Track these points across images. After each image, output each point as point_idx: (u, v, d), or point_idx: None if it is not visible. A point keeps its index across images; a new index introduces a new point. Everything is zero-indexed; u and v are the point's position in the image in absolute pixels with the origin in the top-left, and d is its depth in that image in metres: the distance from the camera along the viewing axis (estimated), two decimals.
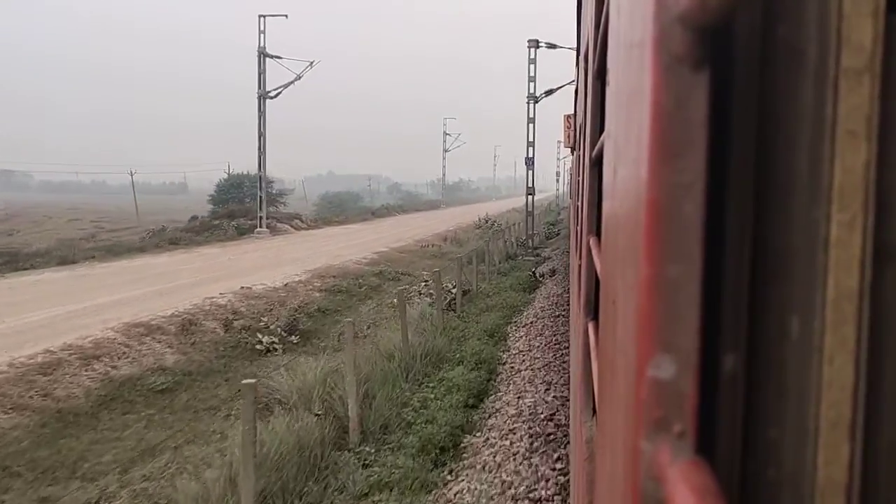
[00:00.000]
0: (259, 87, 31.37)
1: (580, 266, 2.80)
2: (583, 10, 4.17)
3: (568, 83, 21.06)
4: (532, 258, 22.95)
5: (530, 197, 25.29)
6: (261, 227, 32.92)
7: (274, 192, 49.46)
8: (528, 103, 24.15)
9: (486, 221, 37.05)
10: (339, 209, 57.81)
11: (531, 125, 24.34)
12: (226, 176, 49.44)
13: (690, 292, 0.46)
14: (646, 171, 0.50)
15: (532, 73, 23.73)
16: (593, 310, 2.17)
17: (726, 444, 0.51)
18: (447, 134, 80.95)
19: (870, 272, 0.45)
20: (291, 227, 37.44)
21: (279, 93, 31.31)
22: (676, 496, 0.42)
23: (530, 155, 24.74)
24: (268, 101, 31.79)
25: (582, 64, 3.90)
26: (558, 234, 34.05)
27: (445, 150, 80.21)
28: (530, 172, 24.97)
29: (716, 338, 0.51)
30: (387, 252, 25.31)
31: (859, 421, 0.45)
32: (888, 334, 0.45)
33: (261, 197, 32.93)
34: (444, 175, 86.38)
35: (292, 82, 31.10)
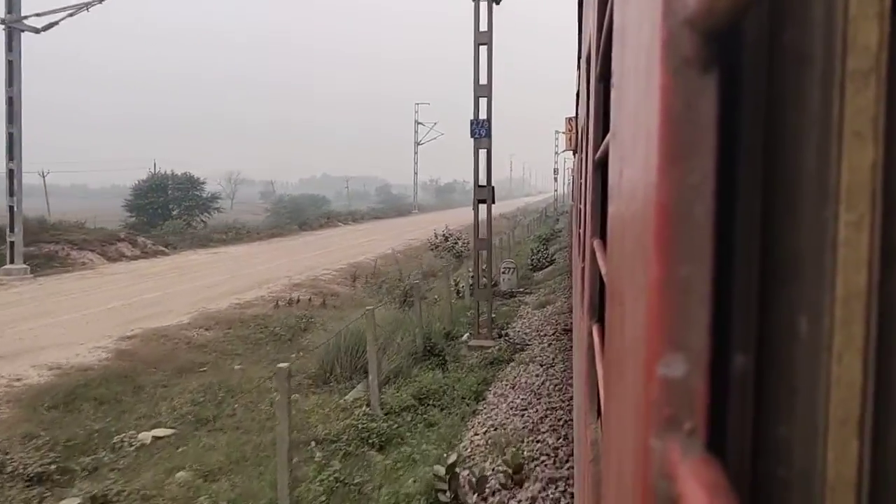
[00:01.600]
0: (6, 10, 17.56)
1: (583, 269, 2.81)
2: (584, 13, 4.19)
3: None
4: (488, 341, 10.37)
5: (482, 206, 11.47)
6: (12, 262, 18.12)
7: (205, 195, 41.27)
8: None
9: (447, 239, 24.41)
10: (296, 216, 48.90)
11: (483, 49, 11.45)
12: (149, 176, 41.04)
13: (701, 292, 0.46)
14: (655, 172, 0.50)
15: None
16: (598, 312, 2.17)
17: (736, 441, 0.52)
18: (420, 123, 65.40)
19: (877, 271, 0.45)
20: (103, 258, 22.06)
21: (52, 23, 18.06)
22: (688, 493, 0.43)
23: (481, 115, 11.52)
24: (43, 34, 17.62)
25: (584, 66, 3.90)
26: (553, 263, 19.59)
27: (418, 143, 64.99)
28: (483, 153, 11.59)
29: (726, 336, 0.51)
30: (168, 332, 11.72)
31: (868, 418, 0.46)
32: None
33: (11, 209, 18.23)
34: (416, 173, 67.97)
35: (78, 7, 17.88)
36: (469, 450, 5.68)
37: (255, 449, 6.68)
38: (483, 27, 11.52)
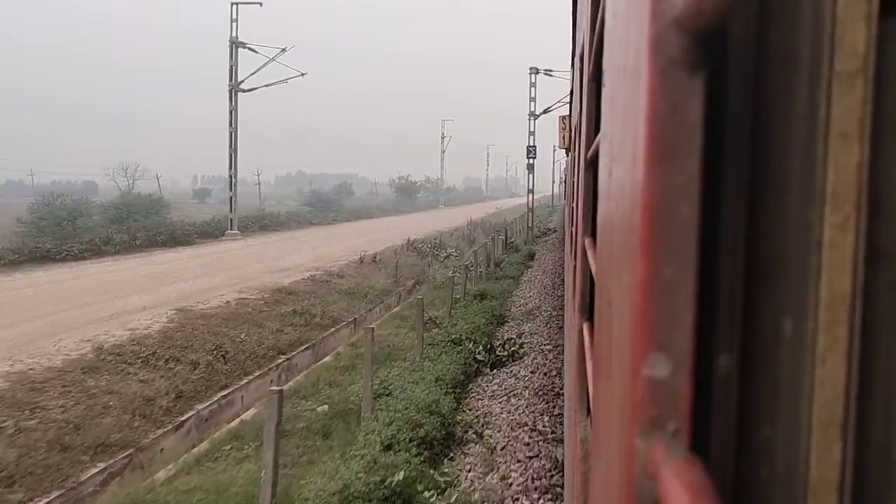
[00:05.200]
0: None
1: (575, 267, 2.81)
2: (578, 13, 4.19)
3: None
4: None
5: None
6: None
7: None
8: None
9: None
10: (139, 226, 31.53)
11: None
12: None
13: (685, 293, 0.46)
14: (642, 172, 0.50)
15: None
16: (588, 311, 2.17)
17: (720, 442, 0.52)
18: (246, 45, 32.16)
19: (862, 273, 0.45)
20: None
21: None
22: (671, 494, 0.43)
23: None
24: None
25: (577, 65, 3.91)
26: None
27: (235, 86, 32.69)
28: None
29: (710, 338, 0.51)
30: None
31: (851, 420, 0.46)
32: (880, 335, 0.46)
33: None
34: (233, 155, 33.49)
35: None
36: None
37: None
38: None
